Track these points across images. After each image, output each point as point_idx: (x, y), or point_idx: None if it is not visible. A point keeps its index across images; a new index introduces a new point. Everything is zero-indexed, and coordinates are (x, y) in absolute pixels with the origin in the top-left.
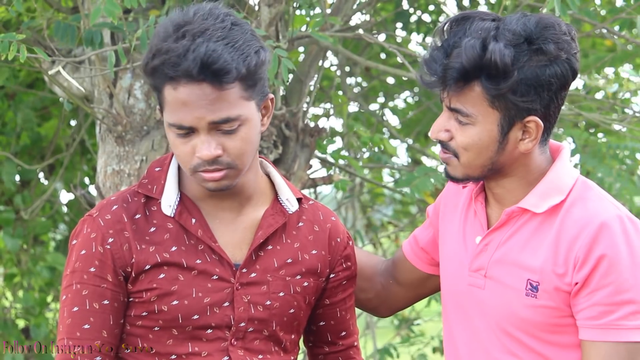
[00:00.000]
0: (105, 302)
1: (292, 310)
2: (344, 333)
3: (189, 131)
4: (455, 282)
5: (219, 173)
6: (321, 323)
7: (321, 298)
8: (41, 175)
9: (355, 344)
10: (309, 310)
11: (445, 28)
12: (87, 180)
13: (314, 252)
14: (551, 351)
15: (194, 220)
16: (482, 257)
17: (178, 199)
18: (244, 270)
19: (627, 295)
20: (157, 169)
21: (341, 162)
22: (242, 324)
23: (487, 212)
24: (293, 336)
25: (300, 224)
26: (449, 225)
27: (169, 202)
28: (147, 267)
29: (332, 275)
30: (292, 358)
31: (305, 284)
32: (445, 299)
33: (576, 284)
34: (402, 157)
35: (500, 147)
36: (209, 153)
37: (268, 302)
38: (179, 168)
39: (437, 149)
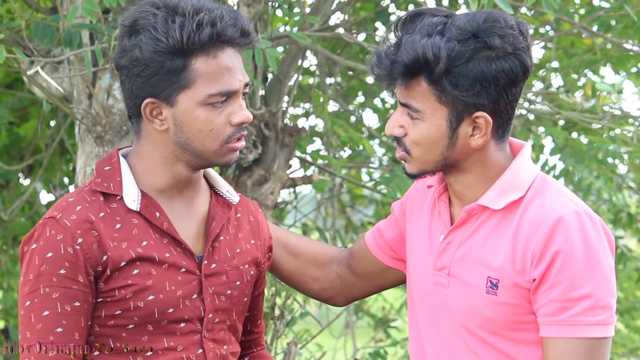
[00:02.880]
0: (77, 303)
1: (245, 299)
2: (259, 322)
3: (226, 99)
4: (421, 281)
5: (243, 141)
6: (246, 314)
7: (253, 289)
8: (20, 175)
9: (262, 329)
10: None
11: (398, 24)
12: (66, 180)
13: (252, 241)
14: (514, 349)
15: (157, 214)
16: (445, 256)
17: (140, 193)
18: (206, 261)
19: (583, 291)
20: (106, 168)
21: (321, 162)
22: (210, 315)
23: (450, 211)
24: (241, 327)
25: (238, 214)
26: (416, 225)
27: (132, 197)
28: (123, 263)
29: (261, 266)
30: (239, 349)
31: (252, 272)
32: (412, 299)
33: (534, 280)
34: (381, 157)
35: (450, 143)
36: (249, 115)
37: (229, 292)
38: (130, 166)
39: None
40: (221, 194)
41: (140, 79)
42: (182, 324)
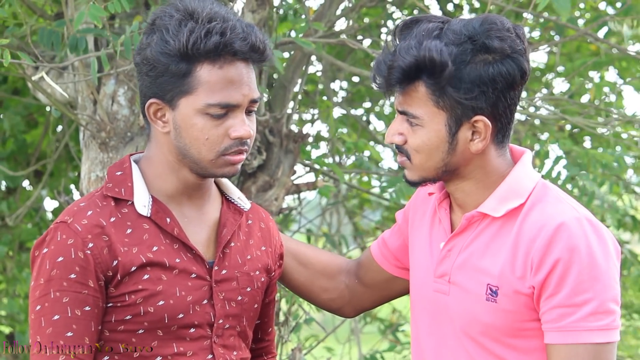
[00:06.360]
0: (87, 308)
1: (256, 305)
2: (270, 329)
3: (227, 111)
4: (422, 288)
5: (243, 155)
6: (257, 321)
7: (264, 296)
8: (26, 181)
9: (273, 336)
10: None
11: (396, 31)
12: (72, 186)
13: (263, 248)
14: (514, 356)
15: (168, 220)
16: (445, 263)
17: (151, 199)
18: (216, 267)
19: (585, 296)
20: (118, 173)
21: (326, 167)
22: (221, 321)
23: (451, 218)
24: (252, 333)
25: (249, 221)
26: (418, 232)
27: (142, 202)
28: (133, 268)
29: (272, 273)
30: (249, 356)
31: (262, 279)
32: (414, 306)
33: (534, 287)
34: (388, 162)
35: (450, 148)
36: (249, 131)
37: (239, 298)
38: (141, 171)
39: None
40: (232, 200)
41: (148, 78)
42: (192, 330)
